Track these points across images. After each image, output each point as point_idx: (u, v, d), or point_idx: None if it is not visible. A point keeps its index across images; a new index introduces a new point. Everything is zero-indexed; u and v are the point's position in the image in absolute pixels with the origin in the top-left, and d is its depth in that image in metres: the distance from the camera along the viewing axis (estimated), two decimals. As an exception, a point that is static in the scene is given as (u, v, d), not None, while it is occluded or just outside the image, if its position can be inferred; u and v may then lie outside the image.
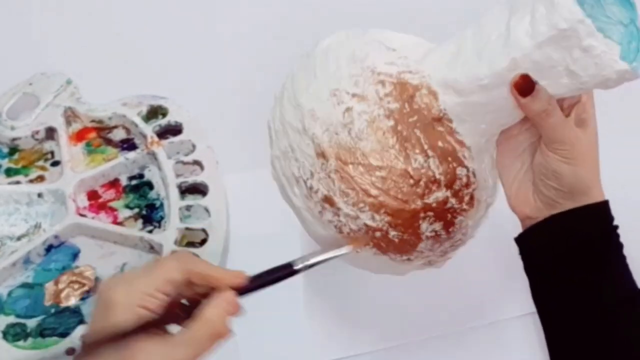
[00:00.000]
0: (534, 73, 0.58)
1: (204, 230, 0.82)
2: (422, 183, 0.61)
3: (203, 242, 0.82)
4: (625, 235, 0.63)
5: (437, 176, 0.62)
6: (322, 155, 0.62)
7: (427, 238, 0.63)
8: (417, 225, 0.62)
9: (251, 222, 0.85)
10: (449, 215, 0.63)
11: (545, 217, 0.63)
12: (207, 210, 0.84)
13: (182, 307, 0.58)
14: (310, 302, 0.80)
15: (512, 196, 0.65)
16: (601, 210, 0.62)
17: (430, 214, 0.62)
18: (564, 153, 0.60)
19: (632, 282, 0.62)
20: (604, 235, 0.62)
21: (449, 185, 0.62)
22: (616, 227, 0.63)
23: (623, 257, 0.63)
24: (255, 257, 0.82)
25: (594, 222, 0.62)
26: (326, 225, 0.64)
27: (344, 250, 0.63)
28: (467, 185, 0.63)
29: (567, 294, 0.62)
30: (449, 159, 0.62)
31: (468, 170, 0.63)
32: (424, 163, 0.61)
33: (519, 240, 0.65)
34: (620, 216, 0.63)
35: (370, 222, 0.62)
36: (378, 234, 0.62)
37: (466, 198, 0.63)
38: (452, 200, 0.62)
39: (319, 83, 0.64)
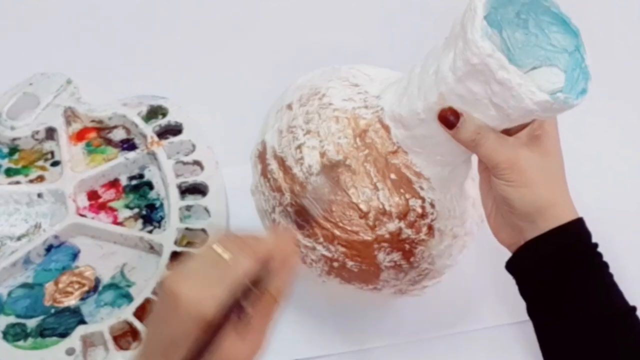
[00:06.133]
0: (463, 106, 0.58)
1: (203, 231, 0.82)
2: (371, 215, 0.63)
3: (203, 242, 0.81)
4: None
5: (387, 208, 0.63)
6: (279, 189, 0.65)
7: (387, 268, 0.65)
8: (373, 255, 0.64)
9: (251, 221, 0.85)
10: (407, 246, 0.64)
11: (520, 243, 0.62)
12: (207, 210, 0.84)
13: None
14: (306, 301, 0.81)
15: (491, 226, 0.65)
16: (570, 231, 0.60)
17: (385, 244, 0.63)
18: (505, 177, 0.59)
19: (620, 298, 0.61)
20: (576, 256, 0.61)
21: (401, 217, 0.63)
22: (595, 245, 0.61)
23: (607, 275, 0.61)
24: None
25: (564, 244, 0.60)
26: None
27: None
28: (423, 216, 0.64)
29: (555, 315, 0.62)
30: (402, 190, 0.63)
31: (424, 201, 0.64)
32: (372, 195, 0.62)
33: (508, 267, 0.65)
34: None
35: (326, 253, 0.64)
36: (336, 264, 0.64)
37: (424, 229, 0.64)
38: (407, 231, 0.63)
39: (282, 120, 0.67)
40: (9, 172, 0.87)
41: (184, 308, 0.49)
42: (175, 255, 0.80)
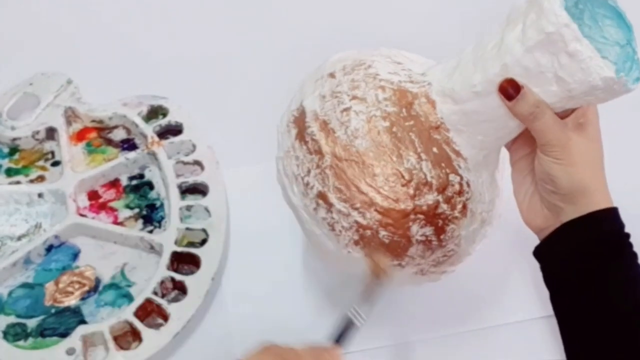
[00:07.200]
0: (525, 79, 0.59)
1: (204, 230, 0.82)
2: (413, 184, 0.63)
3: (203, 242, 0.82)
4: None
5: (429, 179, 0.63)
6: (319, 152, 0.64)
7: (418, 242, 0.64)
8: (407, 227, 0.63)
9: (251, 221, 0.85)
10: (440, 221, 0.64)
11: (554, 226, 0.63)
12: (207, 210, 0.84)
13: None
14: (307, 299, 0.81)
15: (524, 210, 0.66)
16: (606, 217, 0.62)
17: (421, 216, 0.63)
18: (555, 154, 0.61)
19: None
20: (610, 243, 0.62)
21: (440, 190, 0.63)
22: (627, 235, 0.63)
23: (636, 265, 0.62)
24: (256, 257, 0.83)
25: (599, 230, 0.62)
26: (320, 223, 0.65)
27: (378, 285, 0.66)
28: (460, 193, 0.64)
29: (579, 305, 0.62)
30: (443, 164, 0.63)
31: (462, 178, 0.64)
32: (417, 165, 0.63)
33: (536, 253, 0.66)
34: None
35: (361, 220, 0.63)
36: (368, 232, 0.64)
37: (458, 206, 0.64)
38: (444, 206, 0.64)
39: (324, 87, 0.67)
40: (10, 172, 0.87)
41: None
42: (175, 255, 0.80)
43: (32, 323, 0.77)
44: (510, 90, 0.59)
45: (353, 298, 0.66)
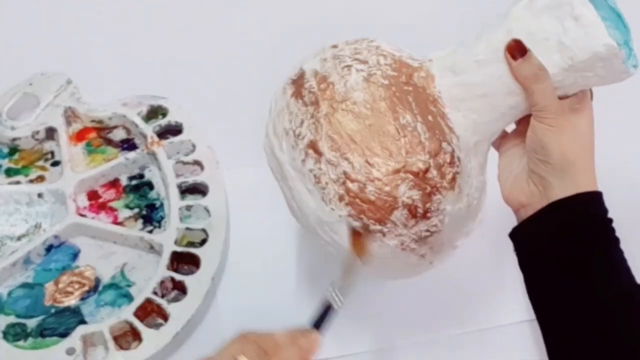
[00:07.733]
0: (529, 46, 0.61)
1: (204, 230, 0.82)
2: (407, 140, 0.63)
3: (203, 242, 0.82)
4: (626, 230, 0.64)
5: (423, 140, 0.63)
6: (315, 102, 0.64)
7: (404, 205, 0.63)
8: (395, 184, 0.62)
9: (251, 221, 0.85)
10: (428, 187, 0.63)
11: (538, 203, 0.63)
12: (207, 210, 0.84)
13: None
14: (306, 300, 0.80)
15: (507, 187, 0.66)
16: (593, 200, 0.62)
17: (410, 176, 0.63)
18: (549, 121, 0.62)
19: (629, 276, 0.62)
20: (596, 226, 0.62)
21: (433, 154, 0.63)
22: (610, 220, 0.63)
23: (619, 251, 0.62)
24: (255, 257, 0.83)
25: (586, 211, 0.62)
26: (306, 176, 0.64)
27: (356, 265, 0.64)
28: (451, 163, 0.64)
29: (560, 288, 0.62)
30: (437, 132, 0.64)
31: (454, 150, 0.64)
32: (412, 123, 0.63)
33: (513, 234, 0.66)
34: (621, 211, 0.64)
35: (349, 171, 0.62)
36: (355, 186, 0.62)
37: (448, 176, 0.64)
38: (434, 172, 0.63)
39: (326, 53, 0.68)
40: (9, 172, 0.87)
41: None
42: (175, 255, 0.80)
43: (32, 323, 0.77)
44: (517, 49, 0.61)
45: (332, 281, 0.64)
